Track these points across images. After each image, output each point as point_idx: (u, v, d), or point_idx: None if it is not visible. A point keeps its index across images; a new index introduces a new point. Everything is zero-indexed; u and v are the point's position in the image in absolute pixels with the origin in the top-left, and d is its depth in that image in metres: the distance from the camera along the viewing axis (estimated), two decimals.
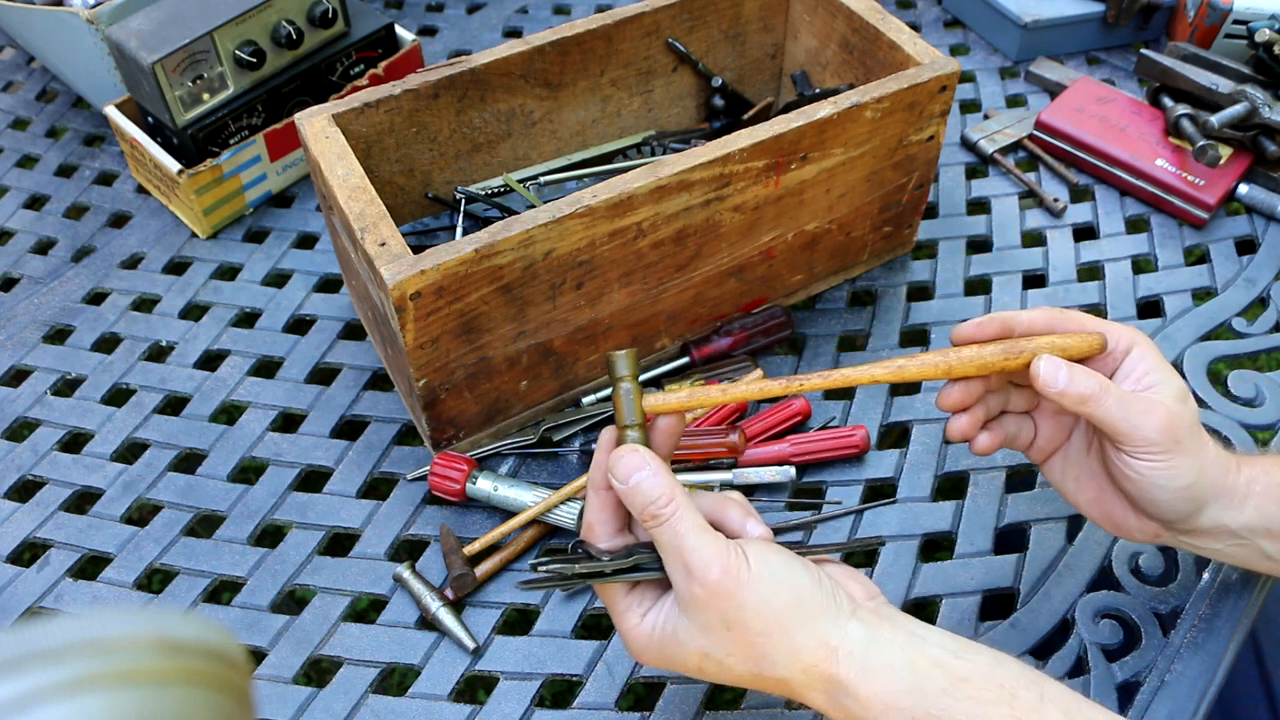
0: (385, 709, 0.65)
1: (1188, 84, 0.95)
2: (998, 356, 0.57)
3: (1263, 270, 0.88)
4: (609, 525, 0.56)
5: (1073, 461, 0.62)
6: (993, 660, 0.50)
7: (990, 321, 0.59)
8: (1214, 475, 0.57)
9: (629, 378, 0.55)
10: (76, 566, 0.73)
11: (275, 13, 0.89)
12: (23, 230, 0.98)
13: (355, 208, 0.66)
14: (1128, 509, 0.60)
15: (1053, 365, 0.56)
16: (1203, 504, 0.57)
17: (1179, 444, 0.55)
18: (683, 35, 0.87)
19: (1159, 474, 0.56)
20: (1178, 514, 0.58)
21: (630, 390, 0.55)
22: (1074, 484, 0.62)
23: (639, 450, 0.53)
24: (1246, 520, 0.58)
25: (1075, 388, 0.55)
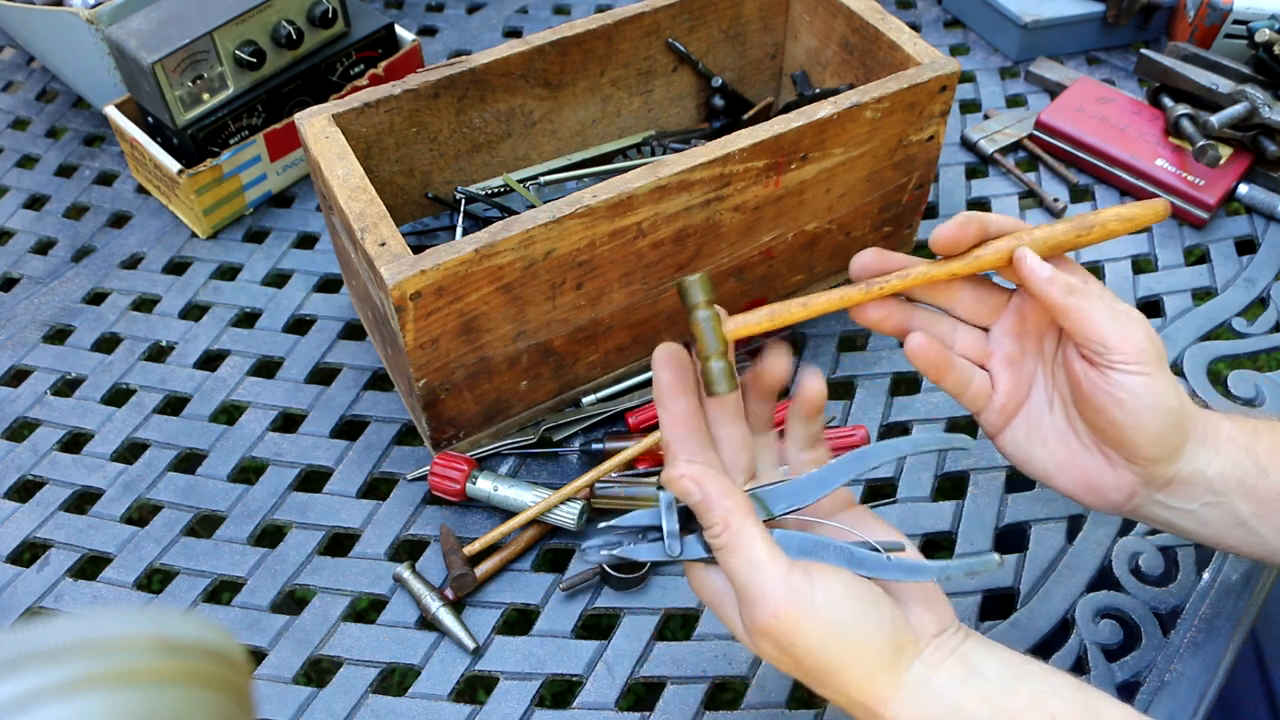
0: (385, 709, 0.65)
1: (1188, 84, 0.95)
2: (1069, 233, 0.54)
3: (1263, 270, 0.88)
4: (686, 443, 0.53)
5: (1036, 423, 0.58)
6: (1047, 689, 0.48)
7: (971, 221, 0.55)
8: (1192, 407, 0.55)
9: (704, 304, 0.52)
10: (76, 566, 0.73)
11: (275, 13, 0.89)
12: (23, 230, 0.98)
13: (355, 208, 0.66)
14: (1104, 463, 0.56)
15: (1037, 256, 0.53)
16: (1186, 435, 0.54)
17: (1163, 359, 0.53)
18: (683, 35, 0.87)
19: (1151, 390, 0.52)
20: (1166, 447, 0.54)
21: (709, 317, 0.52)
22: (1041, 449, 0.58)
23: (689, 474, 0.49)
24: (1221, 467, 0.55)
25: (1063, 276, 0.52)
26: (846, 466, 0.52)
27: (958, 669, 0.48)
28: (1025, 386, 0.58)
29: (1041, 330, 0.57)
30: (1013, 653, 0.50)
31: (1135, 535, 0.71)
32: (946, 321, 0.58)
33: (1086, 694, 0.48)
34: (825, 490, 0.52)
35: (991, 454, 0.76)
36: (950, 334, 0.58)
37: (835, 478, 0.52)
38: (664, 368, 0.53)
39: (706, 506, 0.49)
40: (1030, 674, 0.49)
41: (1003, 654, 0.50)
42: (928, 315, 0.58)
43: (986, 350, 0.58)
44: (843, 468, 0.52)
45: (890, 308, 0.57)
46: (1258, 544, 0.57)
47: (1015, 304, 0.58)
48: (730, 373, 0.52)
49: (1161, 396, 0.52)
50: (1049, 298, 0.53)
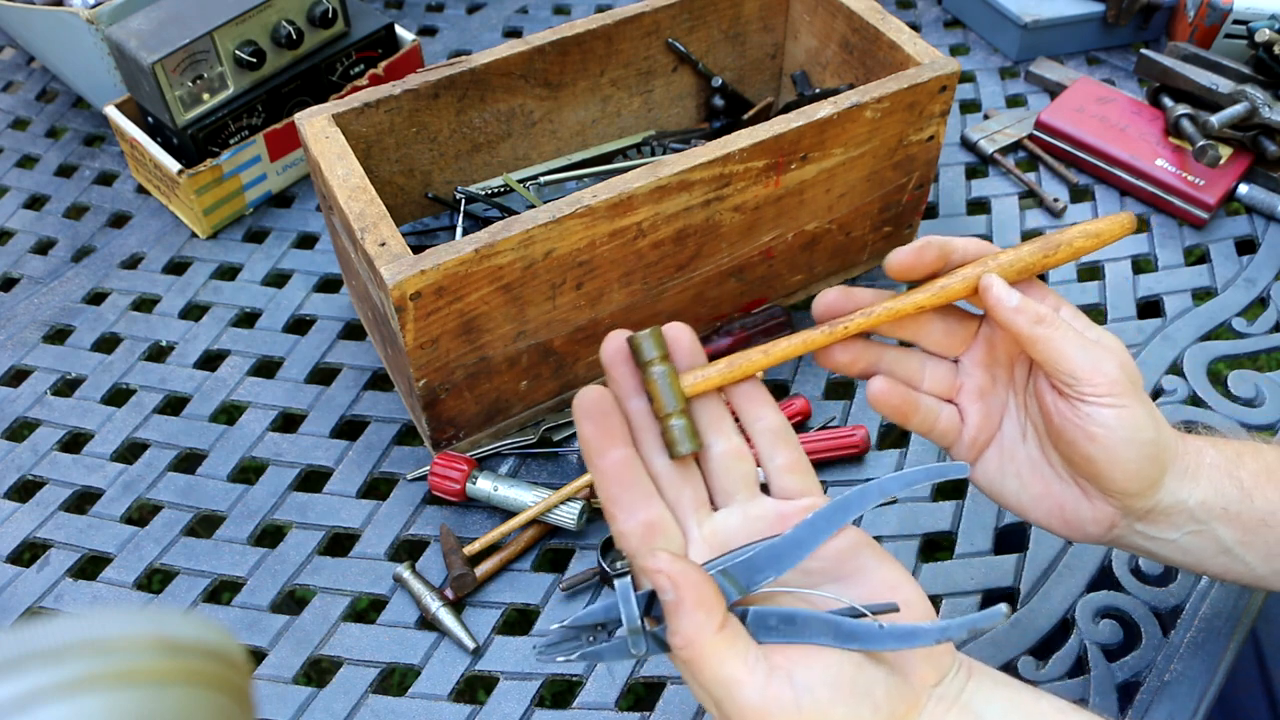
0: (385, 709, 0.65)
1: (1188, 84, 0.95)
2: (1036, 254, 0.53)
3: (1263, 270, 0.89)
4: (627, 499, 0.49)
5: (1009, 455, 0.56)
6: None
7: (929, 246, 0.53)
8: (1170, 436, 0.52)
9: (658, 359, 0.49)
10: (76, 566, 0.73)
11: (275, 13, 0.89)
12: (23, 230, 0.98)
13: (355, 208, 0.66)
14: (1080, 496, 0.54)
15: (1004, 284, 0.51)
16: (1164, 467, 0.52)
17: (1138, 389, 0.51)
18: (683, 35, 0.87)
19: (1125, 423, 0.50)
20: (1142, 481, 0.52)
21: (664, 373, 0.49)
22: (1015, 481, 0.56)
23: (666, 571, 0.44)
24: (1203, 496, 0.53)
25: (1031, 306, 0.51)
26: (826, 521, 0.47)
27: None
28: (996, 418, 0.56)
29: (1012, 359, 0.56)
30: (1019, 689, 0.48)
31: None
32: (915, 358, 0.56)
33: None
34: (805, 552, 0.47)
35: None
36: (919, 371, 0.56)
37: (814, 536, 0.47)
38: (586, 419, 0.48)
39: (676, 612, 0.44)
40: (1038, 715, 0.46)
41: (1006, 693, 0.47)
42: (896, 354, 0.56)
43: (955, 383, 0.57)
44: (822, 523, 0.47)
45: (857, 349, 0.55)
46: (1243, 571, 0.55)
47: (984, 333, 0.56)
48: (693, 430, 0.49)
49: (1136, 429, 0.50)
50: (1016, 327, 0.51)
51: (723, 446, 0.50)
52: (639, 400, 0.50)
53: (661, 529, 0.48)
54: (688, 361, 0.50)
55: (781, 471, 0.50)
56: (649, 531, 0.48)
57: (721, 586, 0.46)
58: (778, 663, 0.44)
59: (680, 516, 0.50)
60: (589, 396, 0.48)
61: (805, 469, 0.51)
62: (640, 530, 0.48)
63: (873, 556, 0.48)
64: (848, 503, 0.47)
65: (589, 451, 0.48)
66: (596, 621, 0.48)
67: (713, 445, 0.50)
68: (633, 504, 0.48)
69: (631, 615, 0.46)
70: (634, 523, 0.48)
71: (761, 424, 0.51)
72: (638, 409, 0.50)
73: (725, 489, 0.50)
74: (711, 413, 0.51)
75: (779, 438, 0.51)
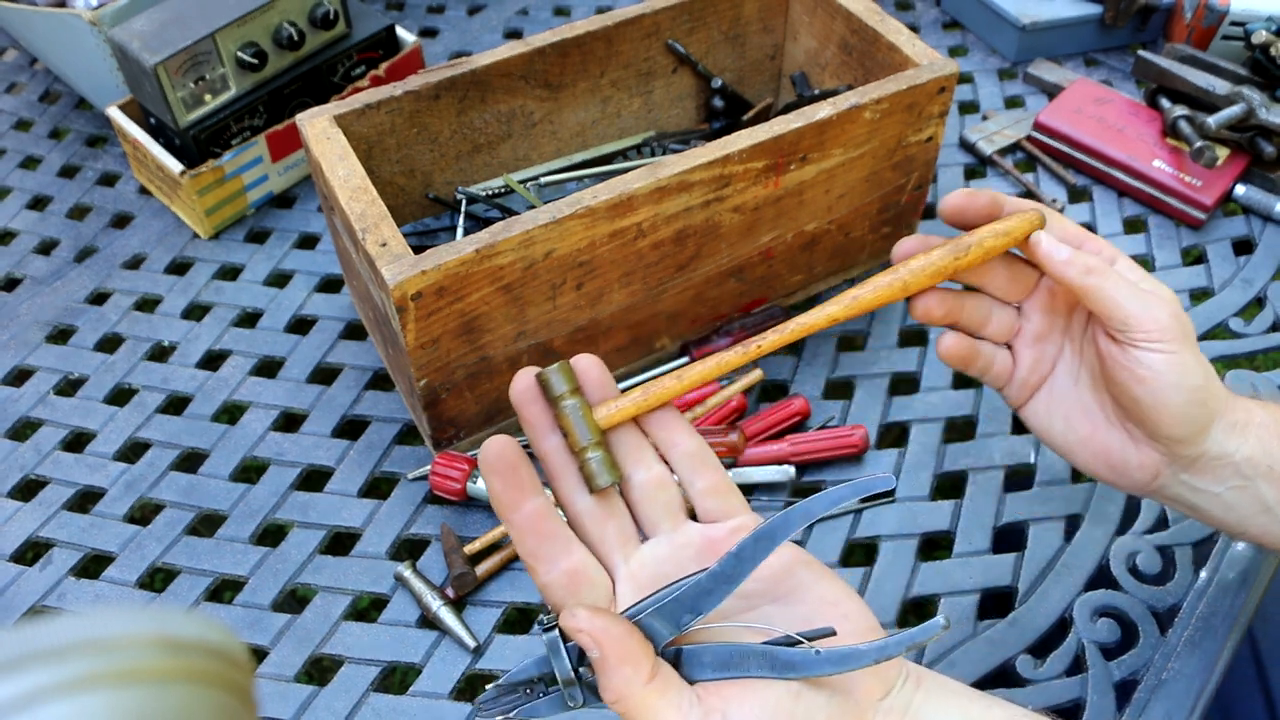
0: (386, 707, 0.65)
1: (1185, 85, 0.95)
2: (947, 258, 0.54)
3: (1260, 270, 0.89)
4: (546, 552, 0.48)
5: (1059, 397, 0.58)
6: None
7: (981, 193, 0.56)
8: (1219, 387, 0.54)
9: (569, 393, 0.48)
10: (79, 565, 0.73)
11: (277, 14, 0.89)
12: (25, 231, 0.98)
13: (356, 208, 0.67)
14: (1127, 441, 0.56)
15: (1053, 238, 0.53)
16: (1212, 415, 0.53)
17: (1189, 337, 0.52)
18: (682, 36, 0.87)
19: (1174, 367, 0.51)
20: (1190, 426, 0.53)
21: (576, 406, 0.48)
22: (1063, 423, 0.58)
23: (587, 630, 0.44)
24: (1249, 452, 0.54)
25: (1081, 258, 0.52)
26: (752, 551, 0.45)
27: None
28: (1049, 362, 0.58)
29: (1071, 306, 0.58)
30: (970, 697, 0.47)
31: (1133, 534, 0.71)
32: (985, 303, 0.58)
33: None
34: (734, 585, 0.45)
35: (990, 453, 0.76)
36: (986, 316, 0.58)
37: (741, 568, 0.45)
38: (493, 475, 0.47)
39: (602, 669, 0.43)
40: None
41: (957, 703, 0.47)
42: (970, 303, 0.58)
43: (1015, 327, 0.59)
44: (747, 554, 0.45)
45: (947, 303, 0.57)
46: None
47: (1046, 281, 0.58)
48: (611, 462, 0.48)
49: (1185, 374, 0.52)
50: (1068, 279, 0.53)
51: (643, 476, 0.50)
52: (555, 437, 0.49)
53: (585, 576, 0.48)
54: (600, 394, 0.50)
55: (704, 495, 0.50)
56: (572, 580, 0.47)
57: (651, 629, 0.45)
58: (713, 705, 0.43)
59: (606, 554, 0.49)
60: (493, 450, 0.47)
61: (728, 490, 0.50)
62: (563, 580, 0.47)
63: (810, 574, 0.48)
64: (772, 530, 0.45)
65: (500, 507, 0.47)
66: (531, 677, 0.46)
67: (634, 475, 0.50)
68: (552, 555, 0.47)
69: (564, 669, 0.45)
70: (556, 573, 0.47)
71: (678, 449, 0.50)
72: (554, 447, 0.49)
73: (650, 519, 0.50)
74: (630, 443, 0.50)
75: (698, 461, 0.50)
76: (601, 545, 0.49)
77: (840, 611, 0.47)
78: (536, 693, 0.47)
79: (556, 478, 0.49)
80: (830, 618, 0.46)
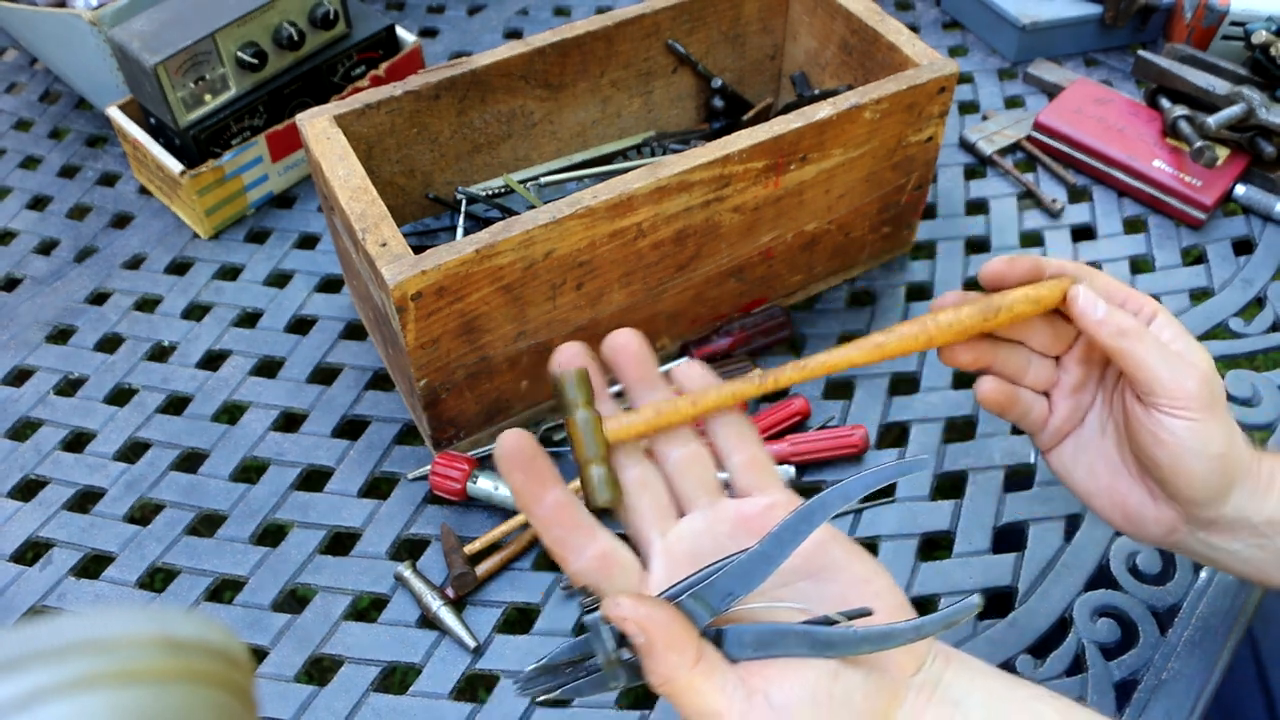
0: (386, 707, 0.65)
1: (1185, 85, 0.95)
2: (975, 318, 0.55)
3: (1260, 270, 0.89)
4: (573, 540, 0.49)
5: (1085, 446, 0.59)
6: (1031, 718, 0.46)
7: (1022, 260, 0.56)
8: (1243, 453, 0.54)
9: (583, 403, 0.49)
10: (79, 565, 0.73)
11: (277, 14, 0.89)
12: (26, 231, 0.98)
13: (356, 208, 0.67)
14: (1146, 496, 0.56)
15: (1090, 295, 0.54)
16: (1232, 482, 0.53)
17: (1216, 408, 0.52)
18: (682, 37, 0.87)
19: (1196, 435, 0.52)
20: (1208, 491, 0.53)
21: (588, 419, 0.49)
22: (1085, 471, 0.58)
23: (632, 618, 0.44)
24: (1270, 514, 0.54)
25: (1117, 319, 0.53)
26: (792, 532, 0.46)
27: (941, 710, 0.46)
28: (1082, 412, 0.59)
29: (1106, 359, 0.58)
30: (997, 676, 0.48)
31: None
32: (1022, 354, 0.59)
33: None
34: (773, 566, 0.46)
35: (990, 453, 0.76)
36: (1024, 366, 0.59)
37: (781, 549, 0.46)
38: (514, 470, 0.48)
39: (649, 654, 0.44)
40: (1015, 702, 0.47)
41: (985, 682, 0.48)
42: (1007, 352, 0.58)
43: (1054, 378, 0.59)
44: (788, 535, 0.46)
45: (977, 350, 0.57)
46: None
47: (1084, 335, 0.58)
48: (612, 480, 0.48)
49: (1206, 443, 0.52)
50: (1100, 339, 0.53)
51: (679, 452, 0.51)
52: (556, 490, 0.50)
53: (614, 559, 0.48)
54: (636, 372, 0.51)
55: (741, 469, 0.51)
56: (603, 565, 0.48)
57: (692, 610, 0.46)
58: (755, 685, 0.44)
59: (643, 528, 0.50)
60: (510, 444, 0.48)
61: (765, 466, 0.51)
62: (594, 566, 0.48)
63: (843, 551, 0.49)
64: (810, 511, 0.46)
65: (523, 501, 0.48)
66: (572, 658, 0.47)
67: (670, 452, 0.51)
68: (579, 544, 0.48)
69: (606, 650, 0.45)
70: (585, 560, 0.48)
71: (720, 425, 0.51)
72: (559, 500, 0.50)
73: (686, 494, 0.51)
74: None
75: (738, 434, 0.51)
76: (637, 520, 0.50)
77: (873, 589, 0.48)
78: (577, 673, 0.47)
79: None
80: (863, 595, 0.47)
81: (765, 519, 0.48)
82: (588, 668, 0.47)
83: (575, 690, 0.47)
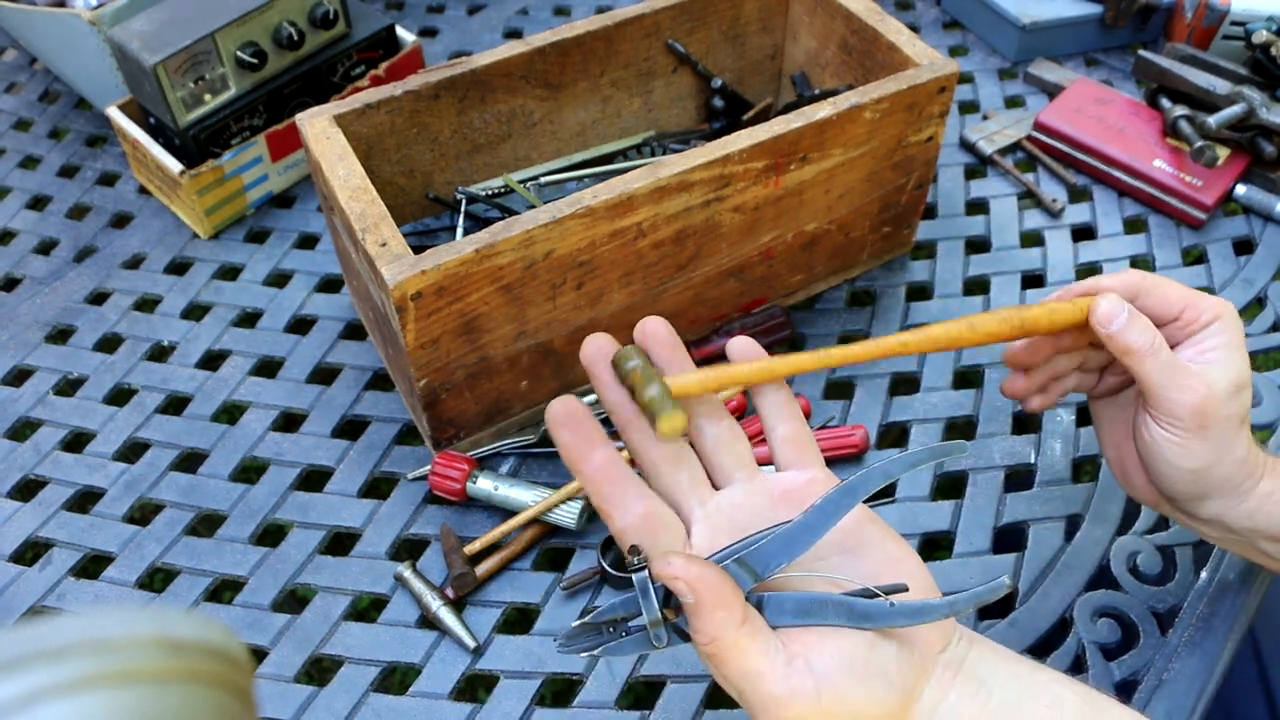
0: (386, 708, 0.65)
1: (1185, 85, 0.95)
2: (1004, 326, 0.58)
3: (1260, 270, 0.89)
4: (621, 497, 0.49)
5: (1119, 405, 0.64)
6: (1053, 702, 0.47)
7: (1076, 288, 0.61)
8: (1229, 474, 0.56)
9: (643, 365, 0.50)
10: (78, 566, 0.73)
11: (276, 14, 0.89)
12: (25, 231, 0.98)
13: (356, 208, 0.66)
14: (1139, 466, 0.61)
15: (1114, 305, 0.57)
16: (1205, 495, 0.57)
17: (1204, 430, 0.55)
18: (682, 36, 0.87)
19: (1170, 449, 0.56)
20: (1178, 493, 0.58)
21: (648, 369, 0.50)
22: (1108, 423, 0.64)
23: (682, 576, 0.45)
24: (1250, 524, 0.57)
25: (1126, 336, 0.56)
26: (835, 505, 0.48)
27: (966, 687, 0.48)
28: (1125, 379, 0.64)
29: None
30: (1018, 660, 0.50)
31: (1134, 534, 0.71)
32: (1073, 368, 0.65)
33: (1094, 705, 0.48)
34: (816, 537, 0.48)
35: (990, 453, 0.76)
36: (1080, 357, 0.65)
37: (824, 521, 0.48)
38: (562, 428, 0.49)
39: (697, 613, 0.45)
40: (1037, 684, 0.48)
41: (1008, 665, 0.49)
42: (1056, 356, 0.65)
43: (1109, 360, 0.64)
44: (831, 508, 0.48)
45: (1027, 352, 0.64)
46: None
47: None
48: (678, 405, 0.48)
49: (1182, 458, 0.56)
50: (1111, 350, 0.57)
51: (716, 428, 0.52)
52: (623, 391, 0.51)
53: (660, 519, 0.49)
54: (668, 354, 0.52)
55: (784, 442, 0.52)
56: (647, 524, 0.49)
57: (736, 575, 0.47)
58: (795, 650, 0.46)
59: (680, 499, 0.51)
60: (561, 407, 0.49)
61: (807, 441, 0.52)
62: (638, 523, 0.49)
63: (877, 531, 0.50)
64: (853, 487, 0.48)
65: (572, 458, 0.49)
66: (616, 616, 0.48)
67: (706, 428, 0.52)
68: (625, 500, 0.49)
69: (652, 608, 0.47)
70: (630, 517, 0.49)
71: (767, 398, 0.53)
72: (623, 399, 0.51)
73: (723, 468, 0.51)
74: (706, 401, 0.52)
75: (783, 409, 0.52)
76: (675, 491, 0.51)
77: (905, 569, 0.49)
78: (620, 631, 0.48)
79: (627, 428, 0.51)
80: (895, 573, 0.49)
81: (806, 493, 0.50)
82: (630, 627, 0.48)
83: (617, 649, 0.48)
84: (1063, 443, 0.77)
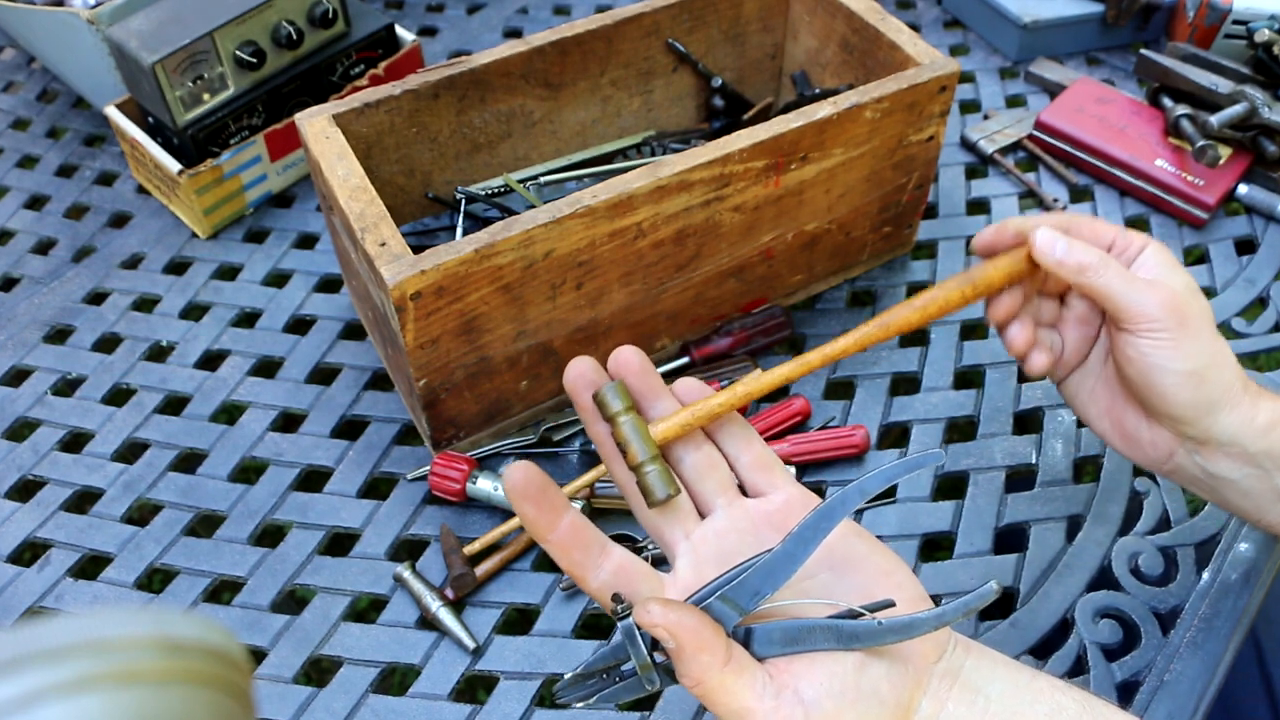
0: (385, 708, 0.65)
1: (1187, 84, 0.95)
2: (954, 293, 0.58)
3: (1262, 270, 0.89)
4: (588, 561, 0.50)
5: (1089, 373, 0.62)
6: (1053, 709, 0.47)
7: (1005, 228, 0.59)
8: (1228, 377, 0.55)
9: (625, 409, 0.51)
10: (77, 566, 0.73)
11: (275, 13, 0.89)
12: (23, 230, 0.98)
13: (355, 208, 0.66)
14: (1140, 418, 0.59)
15: (1048, 233, 0.56)
16: (1214, 402, 0.55)
17: (1185, 324, 0.54)
18: (682, 36, 0.87)
19: (1161, 352, 0.54)
20: (1186, 408, 0.55)
21: (632, 422, 0.51)
22: (1088, 395, 0.62)
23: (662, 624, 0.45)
24: (1265, 447, 0.55)
25: (1073, 257, 0.55)
26: (813, 530, 0.47)
27: (964, 696, 0.47)
28: (1089, 344, 0.62)
29: None
30: (1016, 666, 0.50)
31: (1135, 535, 0.71)
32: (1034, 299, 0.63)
33: (1093, 711, 0.48)
34: (797, 565, 0.47)
35: (991, 454, 0.76)
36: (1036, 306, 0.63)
37: (804, 548, 0.47)
38: (525, 501, 0.49)
39: (680, 658, 0.45)
40: (1036, 691, 0.48)
41: (1006, 672, 0.49)
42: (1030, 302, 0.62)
43: (1060, 313, 0.63)
44: (809, 533, 0.47)
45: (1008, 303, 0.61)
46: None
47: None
48: (669, 476, 0.50)
49: (1171, 359, 0.54)
50: (1064, 278, 0.56)
51: (694, 455, 0.53)
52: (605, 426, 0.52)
53: (631, 569, 0.50)
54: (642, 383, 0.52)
55: (750, 469, 0.53)
56: (620, 578, 0.50)
57: (721, 611, 0.47)
58: (784, 681, 0.46)
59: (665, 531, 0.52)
60: (518, 477, 0.49)
61: (771, 462, 0.53)
62: (612, 580, 0.50)
63: (864, 545, 0.50)
64: (830, 509, 0.48)
65: (537, 531, 0.49)
66: (607, 664, 0.49)
67: (685, 456, 0.53)
68: (595, 562, 0.50)
69: (640, 654, 0.47)
70: (604, 576, 0.50)
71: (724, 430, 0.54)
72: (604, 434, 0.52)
73: (705, 496, 0.52)
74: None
75: (739, 439, 0.54)
76: (662, 523, 0.52)
77: (894, 581, 0.49)
78: (613, 678, 0.49)
79: (611, 459, 0.52)
80: (885, 587, 0.49)
81: (785, 514, 0.50)
82: (623, 672, 0.48)
83: (613, 695, 0.49)
84: (1064, 443, 0.77)
